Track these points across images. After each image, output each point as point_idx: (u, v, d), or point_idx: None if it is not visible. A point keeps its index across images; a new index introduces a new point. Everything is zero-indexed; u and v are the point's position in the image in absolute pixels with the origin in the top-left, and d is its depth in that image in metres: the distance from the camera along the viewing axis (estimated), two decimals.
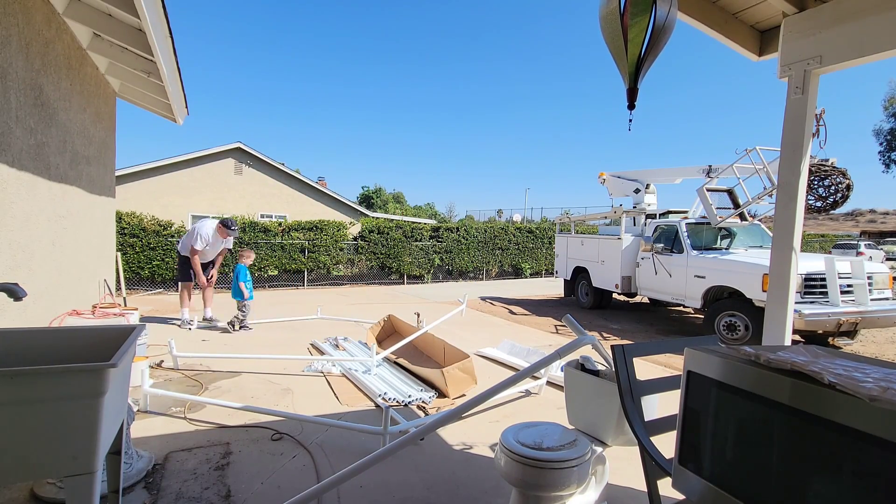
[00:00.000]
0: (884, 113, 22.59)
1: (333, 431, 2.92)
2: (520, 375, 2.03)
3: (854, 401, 0.88)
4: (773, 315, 2.47)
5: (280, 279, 11.02)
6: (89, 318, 3.58)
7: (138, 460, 2.34)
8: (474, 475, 2.47)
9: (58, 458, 1.27)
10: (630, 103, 2.10)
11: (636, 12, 1.84)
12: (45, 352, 1.66)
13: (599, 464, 2.02)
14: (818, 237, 22.33)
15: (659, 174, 8.69)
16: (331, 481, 1.79)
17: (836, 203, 3.58)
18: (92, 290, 4.97)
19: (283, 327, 6.20)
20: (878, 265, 6.19)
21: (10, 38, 2.76)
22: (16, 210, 2.93)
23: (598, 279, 8.53)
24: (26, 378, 1.23)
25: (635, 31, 1.87)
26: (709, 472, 1.19)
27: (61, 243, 3.87)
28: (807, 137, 2.38)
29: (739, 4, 2.64)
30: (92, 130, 4.79)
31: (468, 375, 3.70)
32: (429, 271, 13.01)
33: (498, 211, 36.26)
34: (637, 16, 1.85)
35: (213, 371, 4.12)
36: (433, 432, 2.89)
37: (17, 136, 2.91)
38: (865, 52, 2.16)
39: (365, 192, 43.63)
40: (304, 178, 17.93)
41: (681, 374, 1.31)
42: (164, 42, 3.68)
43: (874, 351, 5.92)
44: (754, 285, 5.57)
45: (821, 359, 1.08)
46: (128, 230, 9.40)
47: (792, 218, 2.42)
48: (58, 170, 3.72)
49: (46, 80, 3.38)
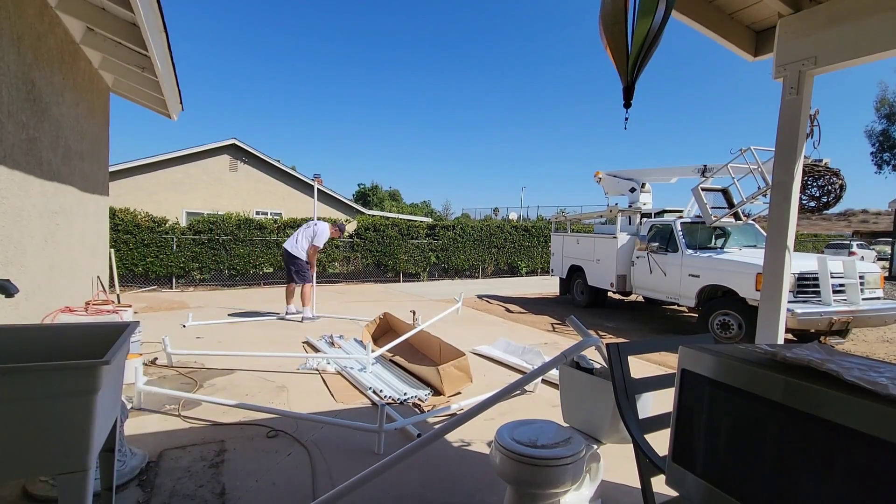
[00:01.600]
0: (875, 114, 22.77)
1: (329, 429, 2.92)
2: (527, 378, 2.04)
3: (852, 399, 0.89)
4: (767, 314, 2.49)
5: (275, 276, 10.98)
6: (82, 315, 3.55)
7: (132, 458, 2.33)
8: (469, 472, 2.48)
9: (50, 456, 1.26)
10: (626, 102, 2.10)
11: (644, 11, 1.84)
12: (38, 349, 1.64)
13: (594, 461, 2.04)
14: (811, 237, 22.51)
15: (654, 173, 8.73)
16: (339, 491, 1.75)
17: (829, 203, 3.60)
18: (85, 287, 4.94)
19: (279, 325, 6.18)
20: (869, 265, 6.26)
21: (1, 32, 2.72)
22: (7, 206, 2.90)
23: (594, 278, 8.56)
24: (18, 375, 1.22)
25: (640, 30, 1.87)
26: (702, 470, 1.19)
27: (54, 239, 3.84)
28: (801, 138, 2.39)
29: (735, 5, 2.65)
30: (85, 125, 4.74)
31: (464, 373, 3.70)
32: (425, 269, 13.00)
33: (494, 209, 36.26)
34: (644, 15, 1.85)
35: (207, 368, 4.10)
36: (429, 430, 2.89)
37: (9, 131, 2.88)
38: (860, 53, 2.18)
39: (361, 190, 43.50)
40: (300, 175, 17.86)
41: (675, 373, 1.32)
42: (158, 36, 3.65)
43: (865, 350, 5.98)
44: (748, 284, 5.61)
45: (835, 357, 1.09)
46: (121, 227, 9.33)
47: (786, 218, 2.43)
48: (50, 165, 3.68)
49: (39, 75, 3.34)
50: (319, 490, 2.24)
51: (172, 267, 9.88)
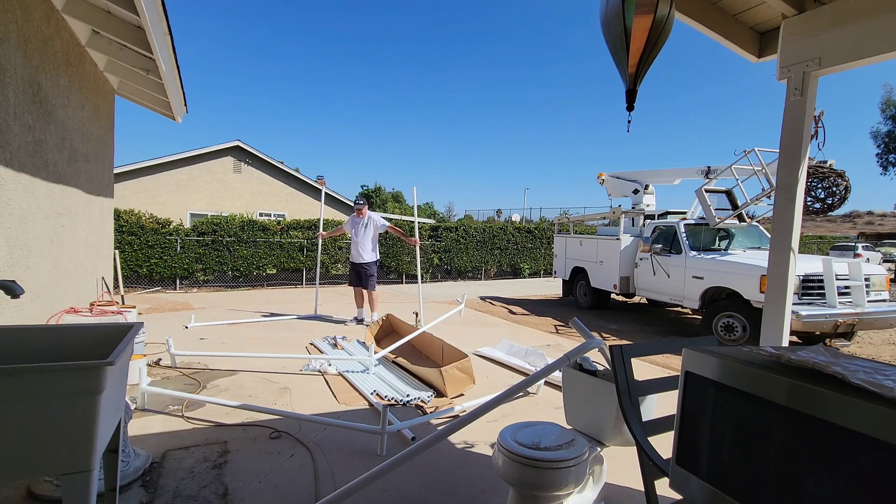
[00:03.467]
0: (881, 115, 22.67)
1: (331, 430, 2.92)
2: (530, 380, 2.04)
3: (858, 402, 0.89)
4: (771, 316, 2.48)
5: (279, 278, 11.01)
6: (87, 316, 3.57)
7: (135, 458, 2.34)
8: (472, 474, 2.47)
9: (55, 456, 1.26)
10: (629, 105, 2.10)
11: (641, 12, 1.84)
12: (43, 349, 1.65)
13: (597, 464, 2.03)
14: (816, 239, 22.36)
15: (658, 175, 8.70)
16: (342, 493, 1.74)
17: (834, 205, 3.59)
18: (90, 288, 4.96)
19: (282, 326, 6.19)
20: (875, 267, 6.21)
21: (8, 35, 2.75)
22: (13, 207, 2.92)
23: (597, 279, 8.53)
24: (23, 375, 1.22)
25: (638, 32, 1.87)
26: (706, 473, 1.19)
27: (59, 241, 3.86)
28: (805, 139, 2.38)
29: (739, 6, 2.64)
30: (90, 128, 4.77)
31: (466, 375, 3.70)
32: (427, 271, 13.00)
33: (497, 211, 36.21)
34: (640, 16, 1.85)
35: (210, 369, 4.11)
36: (431, 432, 2.89)
37: (16, 133, 2.90)
38: (864, 54, 2.17)
39: (364, 191, 43.59)
40: (303, 176, 17.93)
41: (678, 375, 1.32)
42: (163, 39, 3.67)
43: (871, 352, 5.93)
44: (752, 286, 5.58)
45: (841, 360, 1.09)
46: (126, 228, 9.38)
47: (790, 219, 2.42)
48: (56, 167, 3.71)
49: (45, 77, 3.37)
50: (322, 491, 2.24)
51: (176, 268, 9.92)
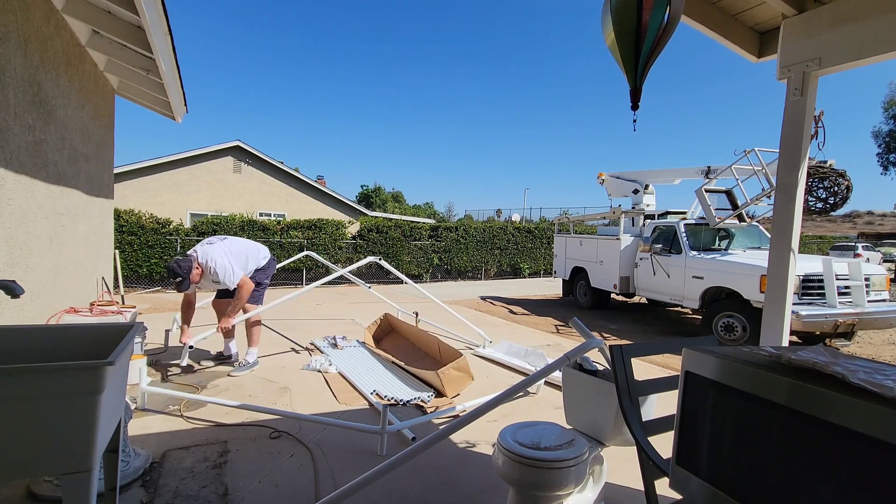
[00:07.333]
0: (883, 115, 22.66)
1: (331, 430, 2.92)
2: (530, 380, 2.03)
3: (858, 402, 0.89)
4: (771, 316, 2.48)
5: (278, 277, 11.00)
6: (87, 316, 3.57)
7: (135, 458, 2.34)
8: (472, 474, 2.47)
9: (55, 456, 1.26)
10: (634, 104, 2.10)
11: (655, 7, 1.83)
12: (43, 349, 1.65)
13: (597, 464, 2.03)
14: (816, 239, 22.36)
15: (658, 175, 8.70)
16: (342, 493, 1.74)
17: (834, 205, 3.58)
18: (90, 288, 4.96)
19: (282, 326, 6.19)
20: (875, 267, 6.21)
21: (8, 35, 2.74)
22: (13, 207, 2.92)
23: (597, 279, 8.53)
24: (23, 375, 1.22)
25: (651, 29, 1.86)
26: (706, 473, 1.19)
27: (59, 241, 3.86)
28: (805, 139, 2.38)
29: (739, 6, 2.64)
30: (90, 128, 4.77)
31: (464, 373, 3.70)
32: (427, 271, 13.00)
33: (497, 211, 36.24)
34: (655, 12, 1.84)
35: (211, 369, 4.11)
36: (431, 432, 2.89)
37: (16, 133, 2.90)
38: (864, 54, 2.17)
39: (364, 191, 43.60)
40: (303, 176, 17.90)
41: (678, 375, 1.32)
42: (163, 39, 3.67)
43: (871, 352, 5.93)
44: (752, 286, 5.58)
45: (841, 360, 1.09)
46: (126, 228, 9.38)
47: (790, 219, 2.42)
48: (56, 167, 3.70)
49: (45, 77, 3.37)
50: (322, 491, 2.24)
51: None
